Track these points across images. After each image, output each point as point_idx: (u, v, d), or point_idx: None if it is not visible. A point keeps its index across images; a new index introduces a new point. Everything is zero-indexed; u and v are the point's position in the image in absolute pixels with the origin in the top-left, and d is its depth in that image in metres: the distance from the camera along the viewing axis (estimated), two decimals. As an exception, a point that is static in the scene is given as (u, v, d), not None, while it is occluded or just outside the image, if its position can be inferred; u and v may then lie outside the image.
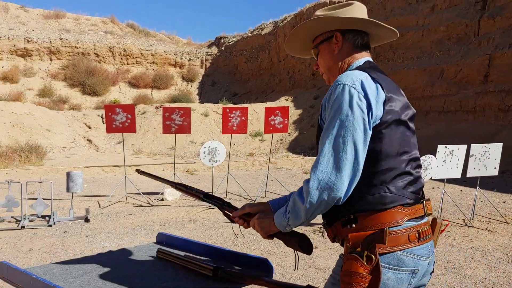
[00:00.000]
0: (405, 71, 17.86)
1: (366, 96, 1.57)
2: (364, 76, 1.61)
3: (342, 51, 1.80)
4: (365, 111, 1.56)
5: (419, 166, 1.73)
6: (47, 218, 7.58)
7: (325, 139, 1.58)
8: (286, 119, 9.30)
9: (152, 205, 8.86)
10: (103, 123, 22.96)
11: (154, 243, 3.11)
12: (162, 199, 9.24)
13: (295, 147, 19.50)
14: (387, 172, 1.61)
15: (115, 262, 2.58)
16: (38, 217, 7.56)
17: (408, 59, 18.52)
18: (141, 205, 8.91)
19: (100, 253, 2.83)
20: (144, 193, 9.67)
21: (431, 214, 1.70)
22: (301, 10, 26.09)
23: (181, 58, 32.16)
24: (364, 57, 1.80)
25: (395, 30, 1.87)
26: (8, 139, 17.06)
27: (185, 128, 9.10)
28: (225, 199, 9.04)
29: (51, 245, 6.26)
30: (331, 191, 1.53)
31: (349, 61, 1.80)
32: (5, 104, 19.23)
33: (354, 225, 1.62)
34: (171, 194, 9.28)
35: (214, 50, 32.67)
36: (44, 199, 7.57)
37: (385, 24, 1.82)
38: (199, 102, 28.64)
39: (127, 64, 31.44)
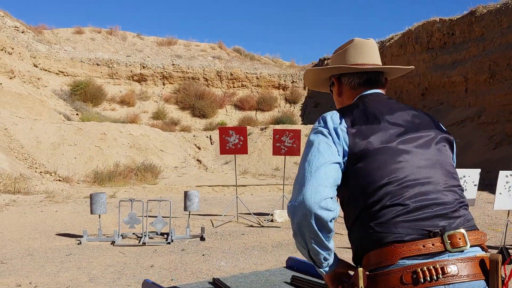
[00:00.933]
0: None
1: (326, 125, 1.61)
2: (331, 113, 1.67)
3: (342, 93, 1.86)
4: (326, 132, 1.59)
5: (425, 193, 1.49)
6: (165, 236, 7.92)
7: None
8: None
9: (262, 226, 8.94)
10: (211, 144, 23.82)
11: (285, 267, 3.10)
12: (272, 220, 9.30)
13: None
14: (369, 209, 1.50)
15: (252, 286, 2.60)
16: (157, 234, 7.93)
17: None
18: (252, 226, 9.03)
19: (234, 275, 2.87)
20: (254, 214, 9.80)
21: (461, 247, 1.42)
22: (409, 29, 25.40)
23: (284, 81, 32.62)
24: (360, 93, 1.79)
25: (390, 66, 1.86)
26: (126, 159, 18.23)
27: (294, 150, 9.14)
28: (336, 223, 8.79)
29: (171, 262, 6.51)
30: (293, 207, 1.50)
31: (348, 101, 1.82)
32: (123, 126, 20.63)
33: (359, 266, 1.51)
34: (280, 215, 9.31)
35: (318, 71, 32.78)
36: (162, 217, 7.94)
37: (370, 67, 1.79)
38: (302, 124, 28.74)
39: (233, 87, 32.46)
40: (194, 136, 24.65)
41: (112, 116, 26.87)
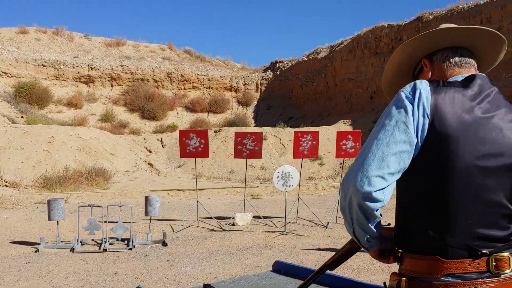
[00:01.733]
0: None
1: (412, 100, 1.48)
2: (423, 86, 1.51)
3: (435, 74, 1.67)
4: (410, 114, 1.46)
5: (487, 216, 1.45)
6: (126, 242, 7.72)
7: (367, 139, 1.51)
8: (358, 144, 9.19)
9: (224, 230, 8.89)
10: (163, 147, 23.47)
11: (271, 271, 3.08)
12: (233, 224, 9.26)
13: (355, 172, 19.19)
14: (420, 213, 1.48)
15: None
16: (117, 240, 7.72)
17: None
18: (213, 230, 8.95)
19: (223, 281, 2.82)
20: (215, 218, 9.72)
21: (504, 271, 1.43)
22: (358, 34, 25.99)
23: (236, 83, 32.60)
24: (461, 74, 1.61)
25: (492, 30, 1.66)
26: (75, 163, 17.65)
27: (256, 153, 9.14)
28: (296, 225, 8.85)
29: (135, 268, 6.35)
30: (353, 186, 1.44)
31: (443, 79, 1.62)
32: (72, 129, 19.98)
33: (399, 265, 1.54)
34: (242, 219, 9.29)
35: (269, 74, 32.98)
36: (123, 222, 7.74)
37: (467, 26, 1.62)
38: (255, 126, 28.84)
39: (184, 89, 32.13)
40: (144, 139, 24.21)
41: (59, 118, 25.99)
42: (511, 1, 17.81)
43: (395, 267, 1.61)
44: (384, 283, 1.57)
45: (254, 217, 9.72)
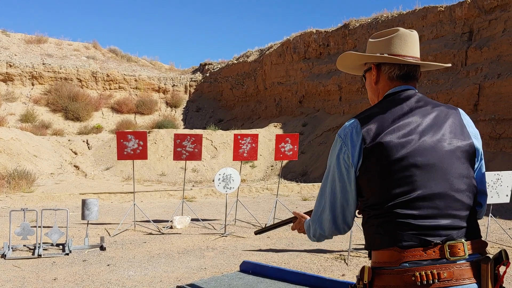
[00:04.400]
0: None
1: (346, 146, 1.72)
2: (355, 125, 1.73)
3: (378, 82, 1.84)
4: (348, 160, 1.70)
5: (434, 207, 1.61)
6: (61, 247, 7.41)
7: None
8: (295, 146, 9.38)
9: (162, 233, 8.75)
10: (89, 148, 22.68)
11: (239, 271, 3.09)
12: (171, 227, 9.14)
13: (286, 174, 19.57)
14: (378, 215, 1.66)
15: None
16: (52, 245, 7.39)
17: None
18: (151, 233, 8.79)
19: (193, 283, 2.80)
20: (152, 221, 9.55)
21: (459, 257, 1.57)
22: (287, 39, 26.49)
23: (165, 84, 32.14)
24: (395, 87, 1.80)
25: (430, 63, 1.88)
26: (-5, 165, 16.66)
27: (196, 155, 9.08)
28: (235, 227, 8.92)
29: (74, 274, 6.12)
30: (319, 229, 1.85)
31: (383, 92, 1.83)
32: (-9, 129, 18.85)
33: (370, 259, 1.74)
34: (180, 222, 9.19)
35: (199, 76, 32.80)
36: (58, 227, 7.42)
37: (412, 61, 1.79)
38: (184, 128, 28.58)
39: (110, 89, 31.23)
40: (69, 140, 23.28)
41: (-27, 118, 24.40)
42: (432, 11, 18.90)
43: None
44: (357, 276, 1.72)
45: (192, 220, 9.65)
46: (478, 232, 1.69)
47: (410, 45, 1.80)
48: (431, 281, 1.53)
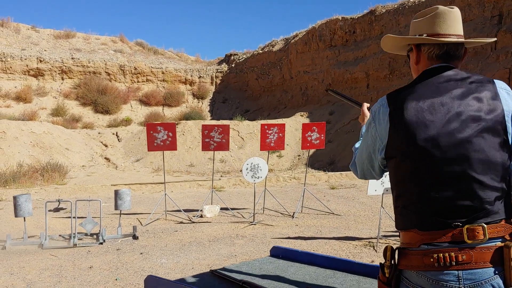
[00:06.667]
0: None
1: (375, 122, 1.80)
2: (383, 102, 1.78)
3: (419, 63, 1.84)
4: (375, 135, 1.80)
5: (455, 189, 1.61)
6: (95, 236, 7.63)
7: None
8: (322, 135, 9.40)
9: (193, 222, 8.91)
10: (119, 141, 23.08)
11: (269, 256, 3.17)
12: (201, 216, 9.29)
13: (313, 163, 19.56)
14: (402, 196, 1.71)
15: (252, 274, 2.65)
16: (86, 235, 7.62)
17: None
18: (182, 222, 8.96)
19: (225, 267, 2.89)
20: (183, 210, 9.72)
21: (479, 240, 1.58)
22: (313, 26, 26.33)
23: (191, 76, 32.36)
24: (432, 66, 1.79)
25: (471, 40, 1.85)
26: (29, 158, 17.14)
27: (223, 146, 9.19)
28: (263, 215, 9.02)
29: (109, 262, 6.30)
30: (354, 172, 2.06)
31: (421, 71, 1.82)
32: (24, 124, 19.36)
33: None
34: (210, 211, 9.33)
35: (224, 67, 32.91)
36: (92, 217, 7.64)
37: (448, 40, 1.76)
38: (211, 119, 28.78)
39: (138, 82, 31.62)
40: (99, 133, 23.74)
41: (7, 113, 25.02)
42: (460, -4, 18.53)
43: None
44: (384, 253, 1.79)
45: (221, 209, 9.78)
46: (503, 215, 1.63)
47: (449, 23, 1.77)
48: (449, 264, 1.56)
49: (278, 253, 3.12)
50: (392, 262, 1.69)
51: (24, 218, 7.21)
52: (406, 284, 1.65)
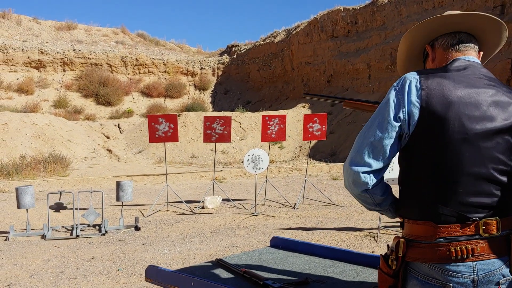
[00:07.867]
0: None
1: (401, 94, 1.66)
2: (413, 77, 1.68)
3: (436, 59, 1.83)
4: (397, 106, 1.66)
5: (476, 185, 1.61)
6: (97, 227, 7.68)
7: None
8: (324, 126, 9.41)
9: (195, 213, 8.95)
10: (121, 132, 23.12)
11: (269, 246, 3.20)
12: (203, 207, 9.33)
13: (315, 154, 19.59)
14: (416, 186, 1.67)
15: (253, 264, 2.68)
16: (88, 226, 7.67)
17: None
18: (183, 213, 9.00)
19: (227, 256, 2.92)
20: (184, 201, 9.77)
21: (493, 234, 1.60)
22: (314, 17, 26.25)
23: (193, 67, 32.32)
24: (454, 58, 1.77)
25: (486, 15, 1.78)
26: (32, 150, 17.20)
27: (225, 137, 9.21)
28: (265, 206, 9.06)
29: (111, 253, 6.35)
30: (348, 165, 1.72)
31: (440, 64, 1.80)
32: (26, 116, 19.40)
33: (402, 230, 1.74)
34: (211, 202, 9.37)
35: (226, 58, 32.85)
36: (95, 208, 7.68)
37: (451, 13, 1.77)
38: (213, 110, 28.77)
39: (139, 73, 31.59)
40: (101, 125, 23.78)
41: (9, 105, 25.07)
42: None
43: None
44: (388, 245, 1.75)
45: (222, 200, 9.82)
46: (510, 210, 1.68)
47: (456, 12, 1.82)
48: (465, 256, 1.57)
49: (277, 243, 3.15)
50: (400, 255, 1.66)
51: (27, 209, 7.25)
52: (415, 276, 1.64)
